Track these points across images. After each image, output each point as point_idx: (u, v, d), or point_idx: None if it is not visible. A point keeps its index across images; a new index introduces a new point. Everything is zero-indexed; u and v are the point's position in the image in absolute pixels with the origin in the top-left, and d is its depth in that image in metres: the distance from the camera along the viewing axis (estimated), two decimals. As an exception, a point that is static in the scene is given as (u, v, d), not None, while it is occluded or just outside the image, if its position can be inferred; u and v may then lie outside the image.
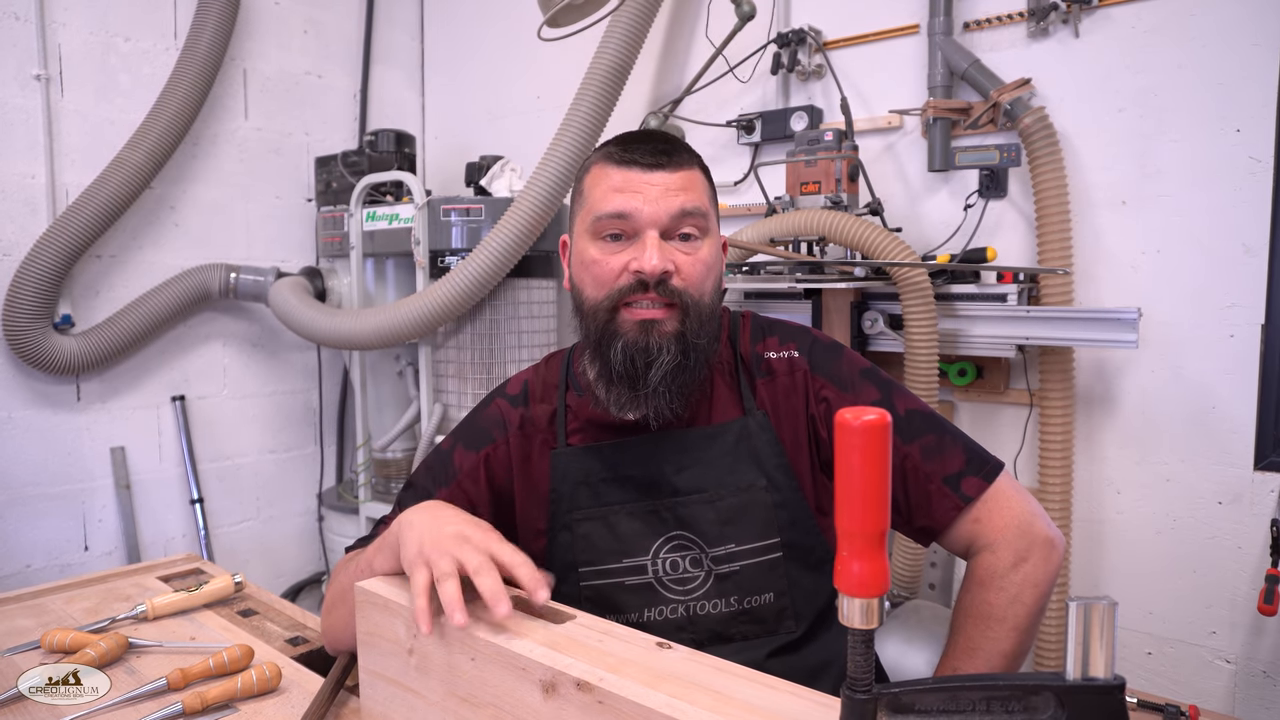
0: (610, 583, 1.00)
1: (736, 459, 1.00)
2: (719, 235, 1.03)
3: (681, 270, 0.95)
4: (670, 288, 0.94)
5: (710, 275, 0.98)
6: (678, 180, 0.96)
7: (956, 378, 2.07)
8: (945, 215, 2.13)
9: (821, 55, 2.29)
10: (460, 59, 3.22)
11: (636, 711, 0.61)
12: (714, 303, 0.99)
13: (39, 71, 2.33)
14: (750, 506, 0.98)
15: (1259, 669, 1.80)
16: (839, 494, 0.53)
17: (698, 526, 0.98)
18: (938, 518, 0.96)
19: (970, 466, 0.96)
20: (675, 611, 0.99)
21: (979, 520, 0.95)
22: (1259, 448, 1.78)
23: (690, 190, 0.97)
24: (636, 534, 1.00)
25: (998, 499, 0.95)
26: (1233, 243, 1.78)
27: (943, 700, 0.55)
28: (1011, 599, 0.91)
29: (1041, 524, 0.94)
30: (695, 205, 0.96)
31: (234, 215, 2.81)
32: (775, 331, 1.07)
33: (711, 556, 0.98)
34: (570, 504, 1.02)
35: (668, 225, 0.95)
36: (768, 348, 1.04)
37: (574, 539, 1.01)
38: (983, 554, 0.94)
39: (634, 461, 1.01)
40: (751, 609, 0.98)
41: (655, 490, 1.00)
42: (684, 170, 0.98)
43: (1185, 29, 1.81)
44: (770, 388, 1.02)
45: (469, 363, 2.52)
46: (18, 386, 2.37)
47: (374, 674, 0.85)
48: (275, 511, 2.97)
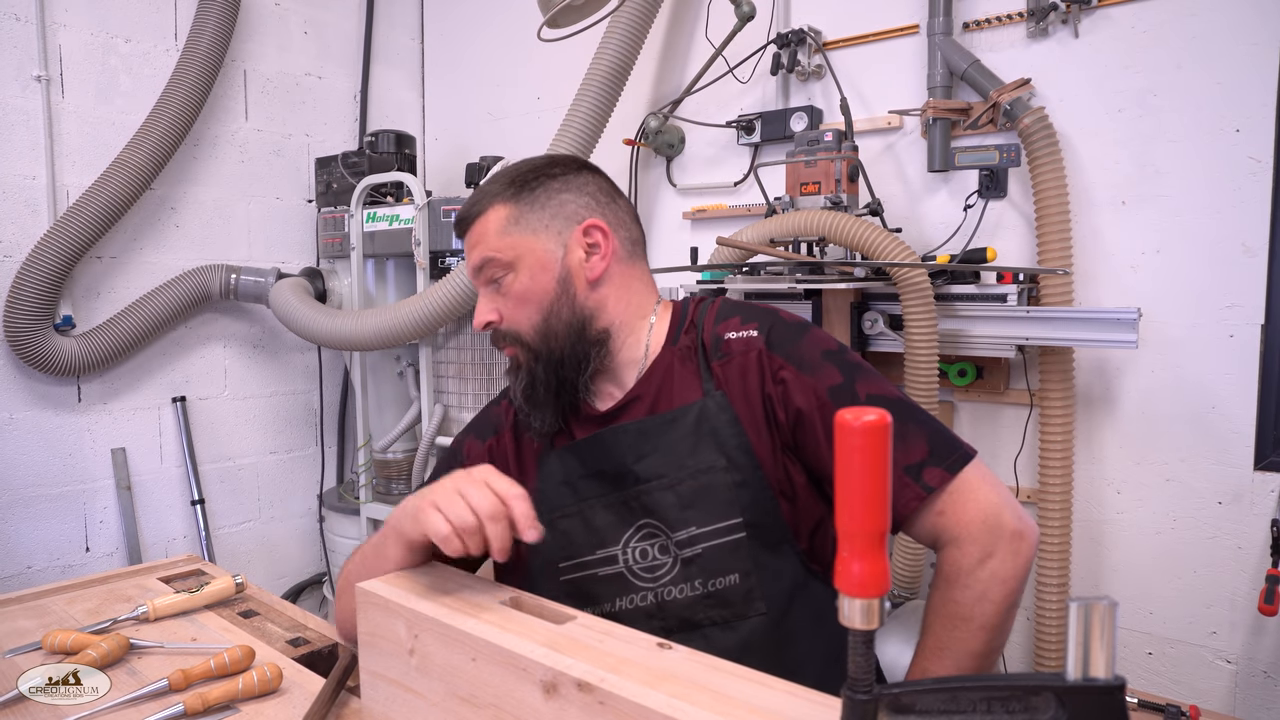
0: (585, 575, 1.01)
1: (696, 441, 0.99)
2: (541, 246, 1.03)
3: (505, 313, 1.04)
4: (500, 333, 1.05)
5: (527, 302, 1.03)
6: (472, 236, 1.05)
7: (956, 378, 2.07)
8: (945, 215, 2.13)
9: (821, 55, 2.29)
10: (460, 59, 3.23)
11: (637, 712, 0.61)
12: (544, 321, 1.03)
13: (39, 72, 2.34)
14: (711, 488, 0.97)
15: (1259, 669, 1.80)
16: (839, 494, 0.53)
17: (661, 512, 0.99)
18: (897, 507, 0.92)
19: (934, 456, 0.93)
20: (645, 599, 0.99)
21: (943, 513, 0.92)
22: (1259, 448, 1.78)
23: (479, 242, 1.04)
24: (609, 525, 1.01)
25: (963, 490, 0.91)
26: (1233, 243, 1.78)
27: (943, 701, 0.55)
28: (978, 596, 0.89)
29: (1009, 515, 0.90)
30: (482, 256, 1.03)
31: (234, 216, 2.82)
32: (738, 313, 1.06)
33: (676, 541, 0.98)
34: (555, 502, 1.04)
35: (482, 280, 1.05)
36: (728, 328, 1.04)
37: (555, 535, 1.02)
38: (948, 549, 0.92)
39: (603, 454, 1.03)
40: (717, 591, 0.97)
41: (622, 480, 1.01)
42: (475, 223, 1.05)
43: (1185, 29, 1.81)
44: (726, 368, 1.01)
45: (469, 363, 2.52)
46: (19, 388, 2.37)
47: (375, 674, 0.85)
48: (276, 512, 2.97)
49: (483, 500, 0.82)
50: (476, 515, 0.82)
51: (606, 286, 1.05)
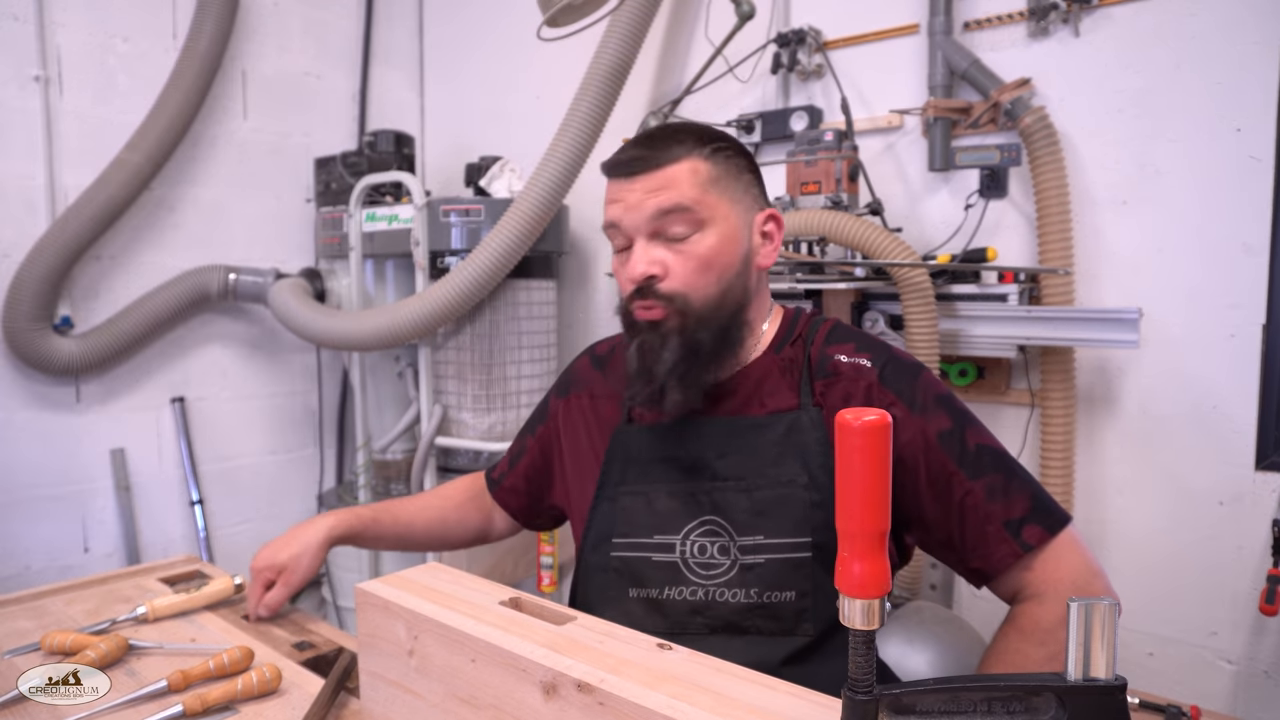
0: (638, 556, 1.01)
1: (782, 451, 0.98)
2: (736, 217, 0.99)
3: (672, 271, 0.96)
4: (658, 292, 0.95)
5: (710, 268, 0.97)
6: (657, 180, 0.96)
7: (957, 378, 2.06)
8: (945, 215, 2.13)
9: (821, 55, 2.29)
10: (460, 59, 3.22)
11: (637, 713, 0.61)
12: (720, 293, 0.98)
13: (38, 72, 2.33)
14: (786, 501, 0.96)
15: (1260, 669, 1.79)
16: (839, 494, 0.53)
17: (729, 514, 0.98)
18: (993, 561, 0.92)
19: (1035, 514, 0.92)
20: (695, 594, 0.98)
21: (1031, 569, 0.92)
22: (1260, 448, 1.78)
23: (670, 188, 0.95)
24: (672, 513, 1.01)
25: (1058, 551, 0.91)
26: (1233, 242, 1.78)
27: (944, 701, 0.55)
28: (1051, 656, 0.87)
29: (1100, 586, 0.90)
30: (675, 202, 0.95)
31: (233, 216, 2.81)
32: (853, 339, 1.04)
33: (739, 545, 0.97)
34: (620, 477, 1.05)
35: (652, 229, 0.96)
36: (840, 351, 1.02)
37: (615, 510, 1.03)
38: (1029, 602, 0.91)
39: (682, 442, 1.02)
40: (770, 604, 0.96)
41: (696, 473, 1.01)
42: (666, 167, 0.96)
43: (1185, 28, 1.81)
44: (830, 388, 1.00)
45: (469, 364, 2.52)
46: (17, 388, 2.37)
47: (375, 675, 0.85)
48: (275, 513, 2.97)
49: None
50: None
51: (765, 279, 1.06)
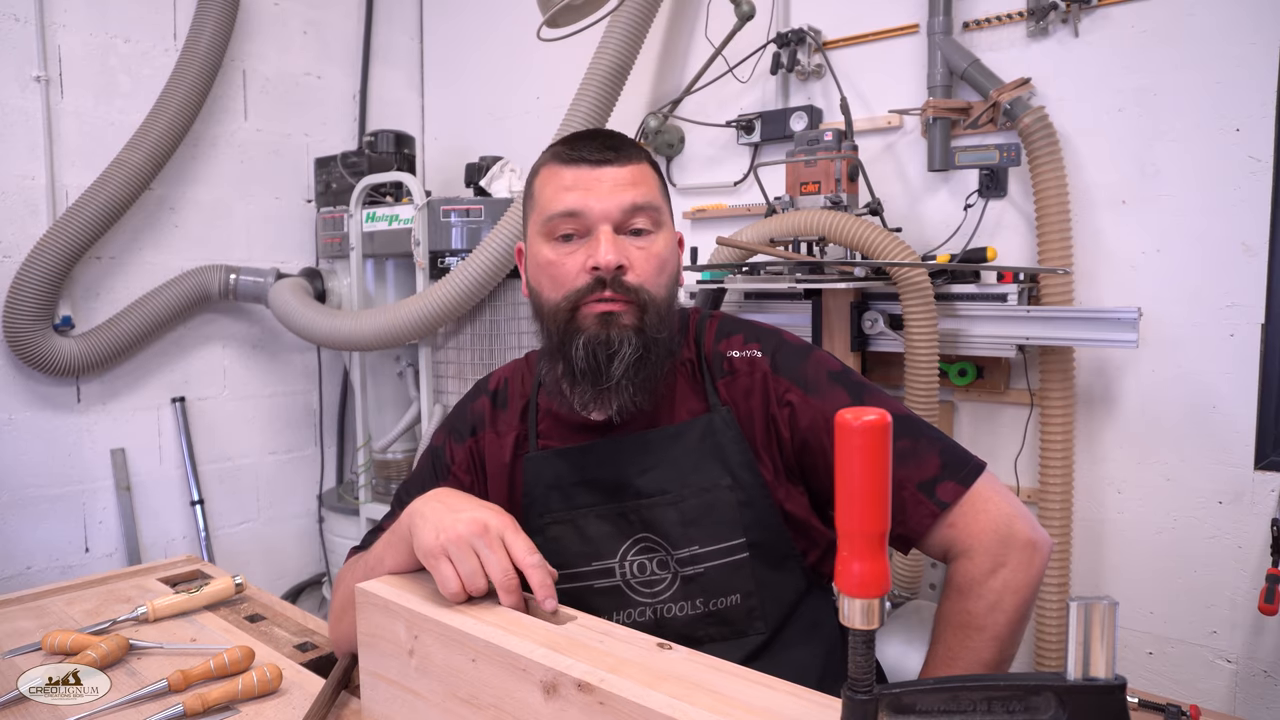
0: (580, 586, 0.98)
1: (700, 457, 0.97)
2: (673, 230, 1.02)
3: (635, 265, 0.94)
4: (624, 284, 0.94)
5: (665, 270, 0.97)
6: (627, 174, 0.95)
7: (957, 378, 2.07)
8: (945, 215, 2.13)
9: (821, 55, 2.29)
10: (460, 59, 3.22)
11: (637, 712, 0.61)
12: (670, 297, 0.98)
13: (39, 73, 2.34)
14: (714, 506, 0.96)
15: (1260, 669, 1.79)
16: (839, 494, 0.53)
17: (662, 528, 0.97)
18: (913, 525, 0.92)
19: (946, 470, 0.92)
20: (644, 614, 0.97)
21: (954, 525, 0.91)
22: (1259, 447, 1.78)
23: (641, 184, 0.96)
24: (605, 536, 0.98)
25: (974, 502, 0.91)
26: (1232, 242, 1.78)
27: (943, 701, 0.55)
28: (990, 606, 0.88)
29: (1022, 525, 0.89)
30: (646, 199, 0.95)
31: (234, 216, 2.82)
32: (741, 330, 1.04)
33: (677, 559, 0.96)
34: (542, 508, 1.01)
35: (620, 220, 0.95)
36: (730, 346, 1.02)
37: (545, 543, 0.99)
38: (960, 560, 0.91)
39: (600, 464, 1.00)
40: (718, 611, 0.96)
41: (620, 492, 0.99)
42: (633, 164, 0.96)
43: (1184, 28, 1.81)
44: (731, 386, 1.00)
45: (469, 363, 2.52)
46: (18, 388, 2.37)
47: (375, 675, 0.85)
48: (276, 513, 2.97)
49: (497, 567, 0.80)
50: (489, 579, 0.80)
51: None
